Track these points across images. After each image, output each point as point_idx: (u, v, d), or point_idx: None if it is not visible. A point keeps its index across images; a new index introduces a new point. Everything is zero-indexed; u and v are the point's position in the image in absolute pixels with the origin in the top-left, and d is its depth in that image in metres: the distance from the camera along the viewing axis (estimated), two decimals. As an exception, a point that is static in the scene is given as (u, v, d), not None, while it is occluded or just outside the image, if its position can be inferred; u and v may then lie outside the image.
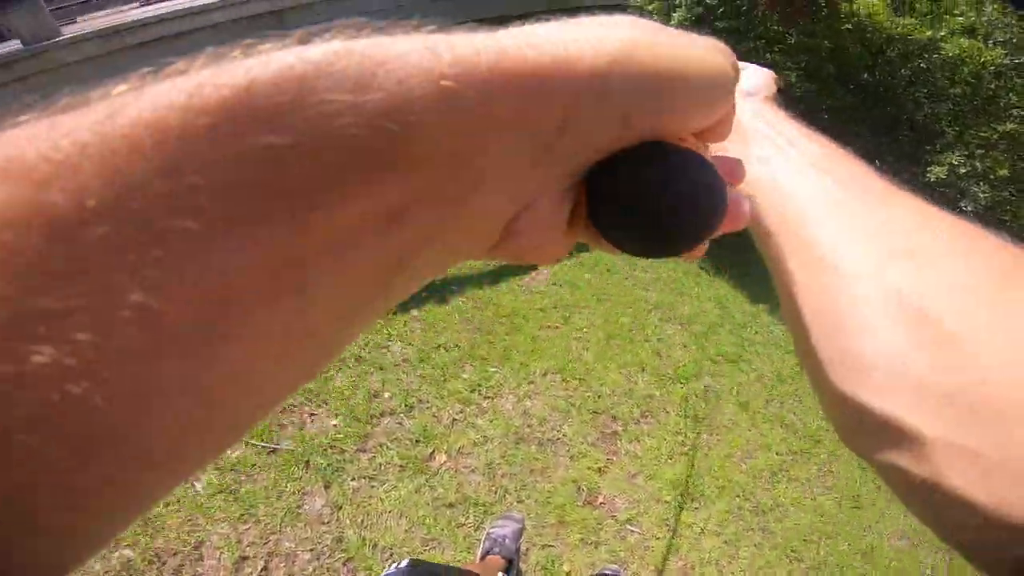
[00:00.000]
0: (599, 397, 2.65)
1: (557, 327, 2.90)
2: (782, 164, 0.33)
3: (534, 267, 2.93)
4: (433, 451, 2.23)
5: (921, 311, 0.22)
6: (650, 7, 4.12)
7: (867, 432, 0.23)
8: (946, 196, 3.42)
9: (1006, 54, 3.24)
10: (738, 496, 2.38)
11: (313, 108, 0.10)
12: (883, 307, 0.23)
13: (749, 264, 3.56)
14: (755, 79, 0.44)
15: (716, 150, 0.39)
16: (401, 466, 2.14)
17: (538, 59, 0.13)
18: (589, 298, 3.14)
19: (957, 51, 3.23)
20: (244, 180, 0.10)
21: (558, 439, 2.40)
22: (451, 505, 2.05)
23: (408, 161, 0.12)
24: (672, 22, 3.89)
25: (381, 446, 2.19)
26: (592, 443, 2.43)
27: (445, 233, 0.14)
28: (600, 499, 2.22)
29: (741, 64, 0.48)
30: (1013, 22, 3.29)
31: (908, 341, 0.22)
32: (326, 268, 0.11)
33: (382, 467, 2.12)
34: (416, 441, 2.24)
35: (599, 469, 2.32)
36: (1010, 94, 3.32)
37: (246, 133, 0.10)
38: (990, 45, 3.28)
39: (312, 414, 2.19)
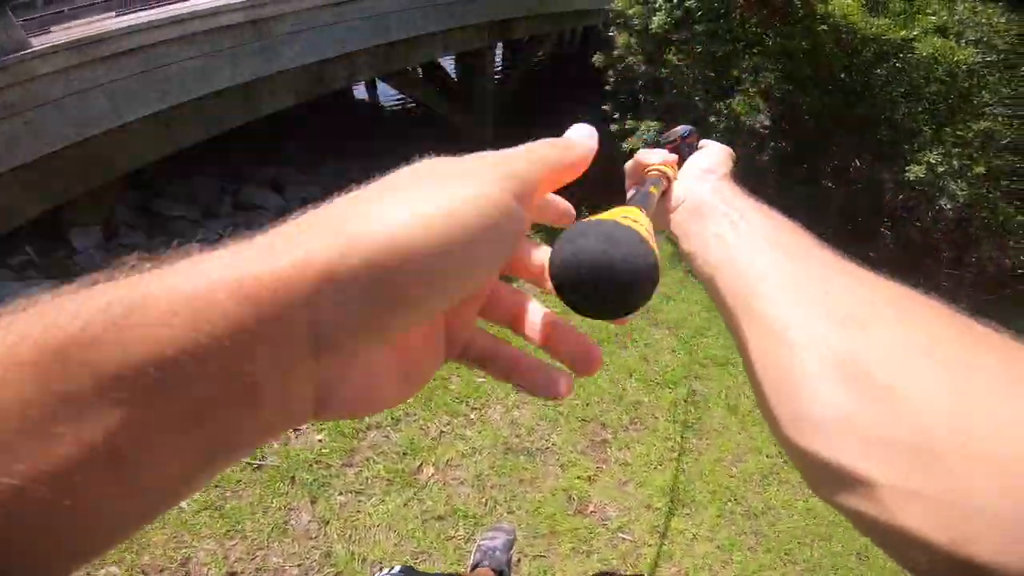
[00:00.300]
0: (587, 405, 2.64)
1: (544, 334, 2.88)
2: (736, 240, 0.36)
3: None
4: (421, 464, 2.21)
5: (863, 372, 0.25)
6: (631, 11, 4.15)
7: (825, 481, 0.25)
8: (925, 195, 3.47)
9: (978, 52, 3.30)
10: (729, 500, 2.38)
11: (91, 358, 0.13)
12: (829, 373, 0.26)
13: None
14: (713, 156, 0.45)
15: (678, 226, 0.39)
16: (388, 480, 2.11)
17: (272, 273, 0.15)
18: (576, 303, 3.13)
19: (931, 50, 3.28)
20: (56, 418, 0.12)
21: (547, 448, 2.39)
22: (440, 518, 2.03)
23: (180, 387, 0.14)
24: (652, 26, 3.92)
25: (368, 460, 2.17)
26: (582, 451, 2.42)
27: (246, 423, 0.15)
28: (591, 507, 2.21)
29: (704, 142, 0.47)
30: (983, 21, 3.35)
31: (852, 400, 0.24)
32: (143, 456, 0.14)
33: (369, 481, 2.10)
34: (403, 454, 2.22)
35: (589, 477, 2.31)
36: (983, 92, 3.38)
37: (48, 384, 0.12)
38: (962, 44, 3.33)
39: (297, 429, 2.16)
